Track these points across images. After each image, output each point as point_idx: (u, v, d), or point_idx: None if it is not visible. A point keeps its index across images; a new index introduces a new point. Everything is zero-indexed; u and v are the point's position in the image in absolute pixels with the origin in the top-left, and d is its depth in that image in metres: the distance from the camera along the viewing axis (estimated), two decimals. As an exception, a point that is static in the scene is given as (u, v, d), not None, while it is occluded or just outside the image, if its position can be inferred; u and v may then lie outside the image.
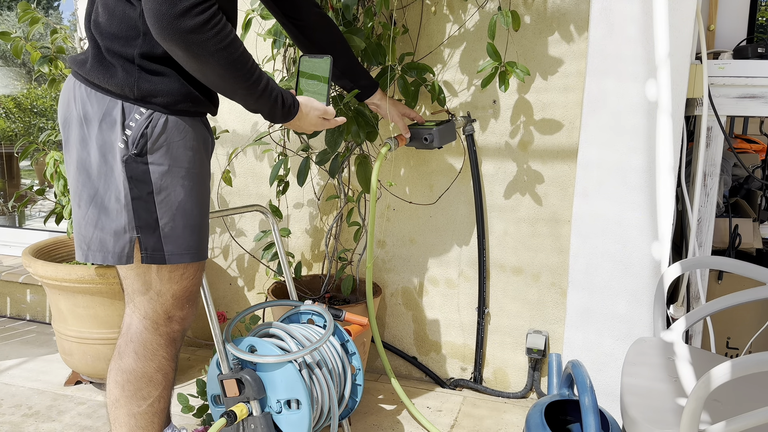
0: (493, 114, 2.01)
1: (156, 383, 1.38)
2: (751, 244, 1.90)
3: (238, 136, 2.32)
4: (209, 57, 1.15)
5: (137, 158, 1.23)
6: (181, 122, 1.26)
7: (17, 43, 1.98)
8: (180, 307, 1.37)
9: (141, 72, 1.21)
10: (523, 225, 2.05)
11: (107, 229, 1.26)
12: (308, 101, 1.40)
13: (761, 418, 0.92)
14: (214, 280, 2.48)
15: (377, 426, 1.94)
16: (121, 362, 1.37)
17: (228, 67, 1.18)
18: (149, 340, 1.36)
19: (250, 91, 1.24)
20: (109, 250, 1.27)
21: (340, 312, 1.70)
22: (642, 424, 1.13)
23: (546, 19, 1.91)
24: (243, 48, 1.20)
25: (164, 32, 1.11)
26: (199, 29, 1.12)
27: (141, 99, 1.22)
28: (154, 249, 1.28)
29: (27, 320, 2.78)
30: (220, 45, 1.15)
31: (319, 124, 1.44)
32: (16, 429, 1.89)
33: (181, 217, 1.28)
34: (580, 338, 1.81)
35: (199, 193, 1.31)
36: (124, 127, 1.22)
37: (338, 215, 2.13)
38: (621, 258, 1.74)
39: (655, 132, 1.66)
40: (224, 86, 1.23)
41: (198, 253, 1.33)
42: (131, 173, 1.23)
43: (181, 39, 1.12)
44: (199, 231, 1.33)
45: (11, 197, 3.13)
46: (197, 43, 1.13)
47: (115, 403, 1.38)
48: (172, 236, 1.28)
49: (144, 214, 1.25)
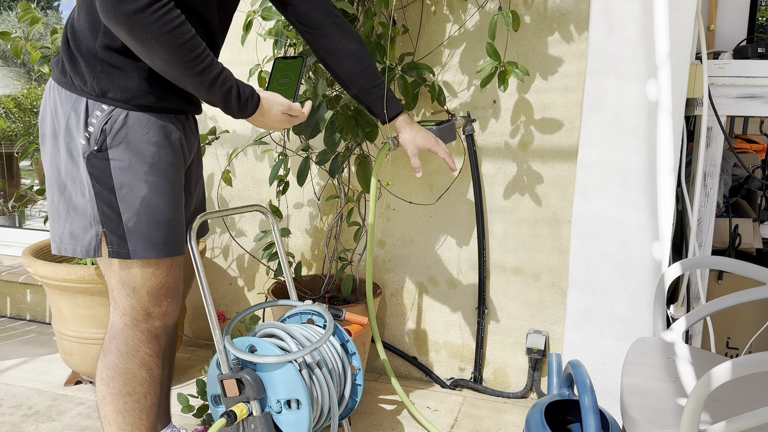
0: (493, 114, 2.01)
1: (140, 380, 1.38)
2: (751, 244, 1.90)
3: (238, 136, 2.32)
4: (153, 41, 1.14)
5: (98, 154, 1.24)
6: (143, 117, 1.26)
7: (17, 43, 1.98)
8: (158, 303, 1.37)
9: (103, 66, 1.22)
10: (523, 225, 2.05)
11: (76, 222, 1.30)
12: (271, 96, 1.36)
13: (761, 418, 0.92)
14: (214, 280, 2.48)
15: (377, 426, 1.94)
16: (105, 360, 1.38)
17: (173, 53, 1.16)
18: (130, 337, 1.36)
19: (199, 79, 1.22)
20: (78, 243, 1.30)
21: (340, 312, 1.70)
22: (642, 424, 1.13)
23: (546, 19, 1.91)
24: (193, 35, 1.18)
25: (108, 14, 1.12)
26: (141, 11, 1.11)
27: (101, 95, 1.23)
28: (119, 244, 1.29)
29: (27, 320, 2.78)
30: (164, 29, 1.14)
31: (284, 121, 1.39)
32: (16, 429, 1.89)
33: (146, 213, 1.28)
34: (580, 338, 1.81)
35: (166, 189, 1.30)
36: (87, 123, 1.23)
37: (338, 215, 2.13)
38: (621, 258, 1.74)
39: (655, 132, 1.66)
40: (173, 73, 1.20)
41: (165, 249, 1.32)
42: (92, 169, 1.25)
43: (124, 21, 1.12)
44: (168, 227, 1.32)
45: (11, 197, 3.13)
46: (140, 26, 1.12)
47: (103, 401, 1.39)
48: (135, 232, 1.28)
49: (107, 210, 1.27)
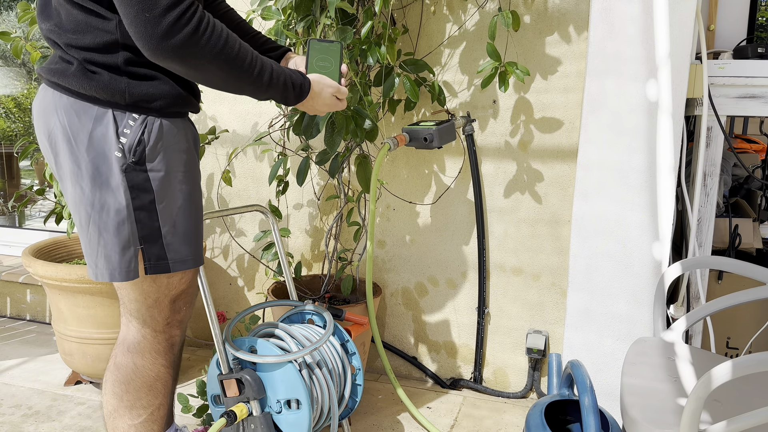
0: (493, 114, 2.01)
1: (156, 392, 1.34)
2: (751, 244, 1.90)
3: (238, 136, 2.32)
4: (208, 64, 1.11)
5: (136, 166, 1.17)
6: (174, 124, 1.22)
7: (17, 43, 1.98)
8: (177, 310, 1.34)
9: (130, 78, 1.16)
10: (523, 225, 2.04)
11: (110, 245, 1.20)
12: (321, 78, 1.32)
13: (761, 418, 0.92)
14: (214, 280, 2.48)
15: (377, 426, 1.94)
16: (118, 373, 1.32)
17: (229, 68, 1.13)
18: (148, 349, 1.32)
19: (257, 86, 1.20)
20: (115, 267, 1.21)
21: (340, 312, 1.70)
22: (642, 424, 1.13)
23: (546, 19, 1.91)
24: (239, 43, 1.14)
25: (156, 52, 1.07)
26: (190, 38, 1.07)
27: (133, 105, 1.16)
28: (158, 258, 1.23)
29: (27, 320, 2.78)
30: (215, 49, 1.10)
31: (333, 104, 1.35)
32: (16, 429, 1.89)
33: (181, 223, 1.25)
34: (580, 338, 1.81)
35: (195, 197, 1.28)
36: (119, 135, 1.16)
37: (338, 215, 2.13)
38: (621, 258, 1.74)
39: (655, 132, 1.66)
40: (230, 86, 1.18)
41: (197, 258, 1.30)
42: (132, 182, 1.18)
43: (175, 54, 1.07)
44: (197, 235, 1.30)
45: (11, 197, 3.13)
46: (193, 54, 1.08)
47: (113, 413, 1.34)
48: (173, 243, 1.24)
49: (147, 224, 1.20)
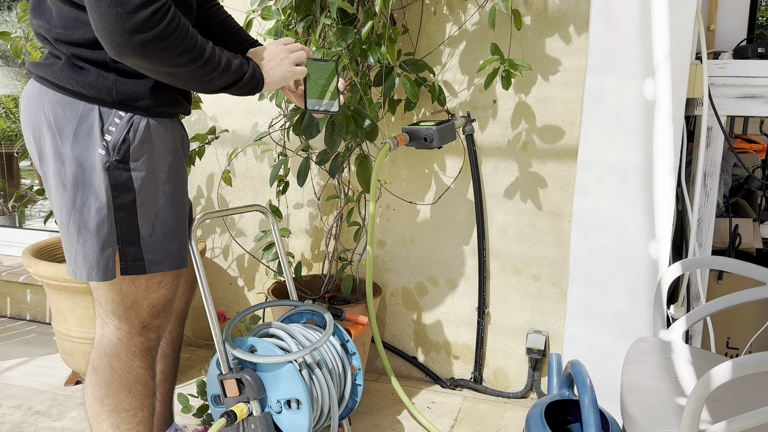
0: (493, 114, 2.01)
1: (136, 393, 1.33)
2: (751, 244, 1.90)
3: (238, 136, 2.32)
4: (172, 61, 1.09)
5: (120, 165, 1.16)
6: (161, 124, 1.20)
7: (17, 43, 1.98)
8: (156, 315, 1.32)
9: (118, 75, 1.14)
10: (523, 225, 2.05)
11: (89, 243, 1.19)
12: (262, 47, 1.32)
13: (761, 418, 0.92)
14: (214, 280, 2.48)
15: (377, 426, 1.94)
16: (96, 377, 1.31)
17: (194, 67, 1.11)
18: (124, 352, 1.30)
19: (217, 79, 1.17)
20: (93, 266, 1.20)
21: (340, 312, 1.70)
22: (642, 423, 1.13)
23: (546, 19, 1.91)
24: (203, 41, 1.12)
25: (123, 48, 1.03)
26: (157, 37, 1.04)
27: (120, 102, 1.15)
28: (135, 259, 1.22)
29: (27, 320, 2.78)
30: (180, 47, 1.08)
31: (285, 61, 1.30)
32: (16, 429, 1.89)
33: (161, 225, 1.23)
34: (580, 334, 1.81)
35: (177, 199, 1.26)
36: (103, 132, 1.14)
37: (338, 215, 2.13)
38: (620, 256, 1.74)
39: (654, 131, 1.66)
40: (193, 85, 1.16)
41: (177, 261, 1.27)
42: (114, 181, 1.16)
43: (141, 51, 1.04)
44: (178, 237, 1.28)
45: (11, 197, 3.13)
46: (159, 51, 1.05)
47: (97, 418, 1.33)
48: (151, 244, 1.23)
49: (126, 223, 1.20)
